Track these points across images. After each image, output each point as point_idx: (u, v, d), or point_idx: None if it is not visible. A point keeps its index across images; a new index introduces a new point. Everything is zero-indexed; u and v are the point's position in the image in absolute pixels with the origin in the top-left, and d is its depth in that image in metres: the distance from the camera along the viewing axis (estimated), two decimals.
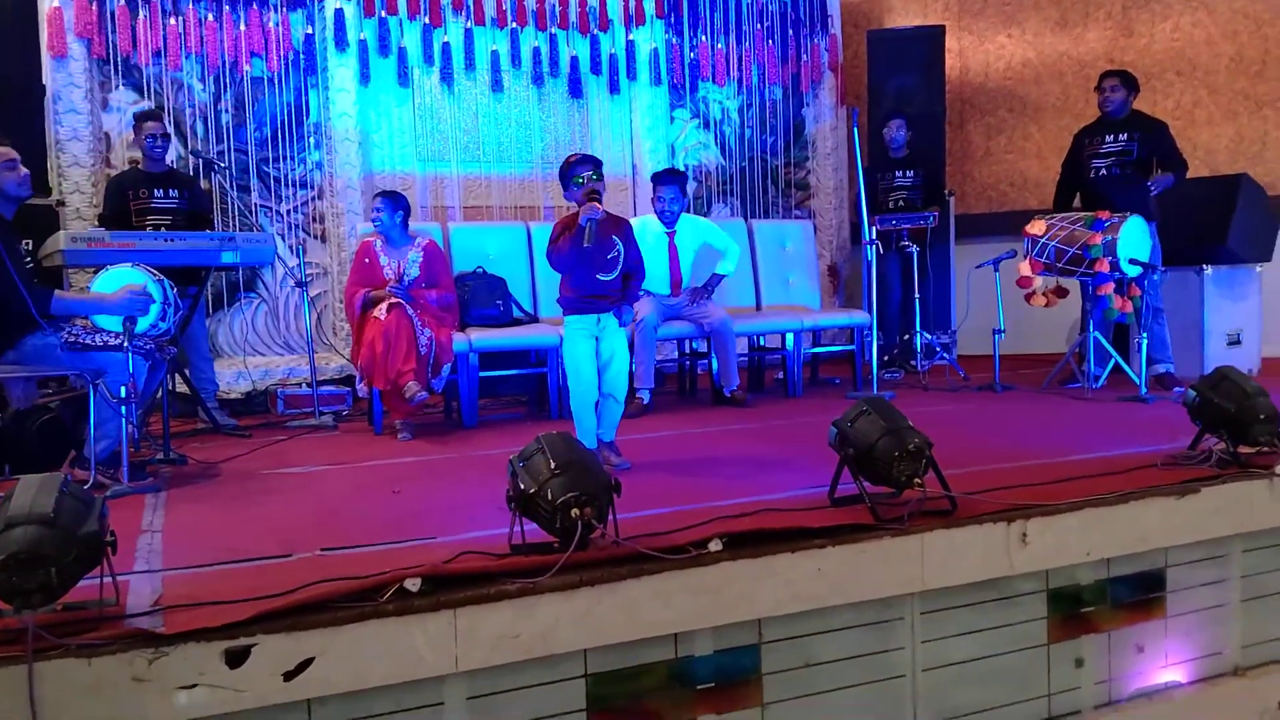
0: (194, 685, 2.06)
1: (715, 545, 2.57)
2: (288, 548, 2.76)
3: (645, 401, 5.42)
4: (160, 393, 4.41)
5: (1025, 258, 5.74)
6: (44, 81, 5.93)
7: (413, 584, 2.25)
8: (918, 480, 2.86)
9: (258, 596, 2.20)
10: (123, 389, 3.60)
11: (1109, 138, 5.99)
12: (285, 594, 2.22)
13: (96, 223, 5.57)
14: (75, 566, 2.10)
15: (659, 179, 5.79)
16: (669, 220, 5.70)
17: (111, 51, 6.10)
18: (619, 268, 3.92)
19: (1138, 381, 5.37)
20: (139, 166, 5.51)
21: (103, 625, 2.11)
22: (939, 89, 7.89)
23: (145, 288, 3.81)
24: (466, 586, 2.30)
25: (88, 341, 3.74)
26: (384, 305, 4.87)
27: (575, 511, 2.42)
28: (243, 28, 6.36)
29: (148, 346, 3.85)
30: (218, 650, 2.07)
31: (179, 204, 5.38)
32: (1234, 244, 6.15)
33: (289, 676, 2.12)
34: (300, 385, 6.04)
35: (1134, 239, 5.38)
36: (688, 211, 6.11)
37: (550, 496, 2.45)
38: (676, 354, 6.47)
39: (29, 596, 2.01)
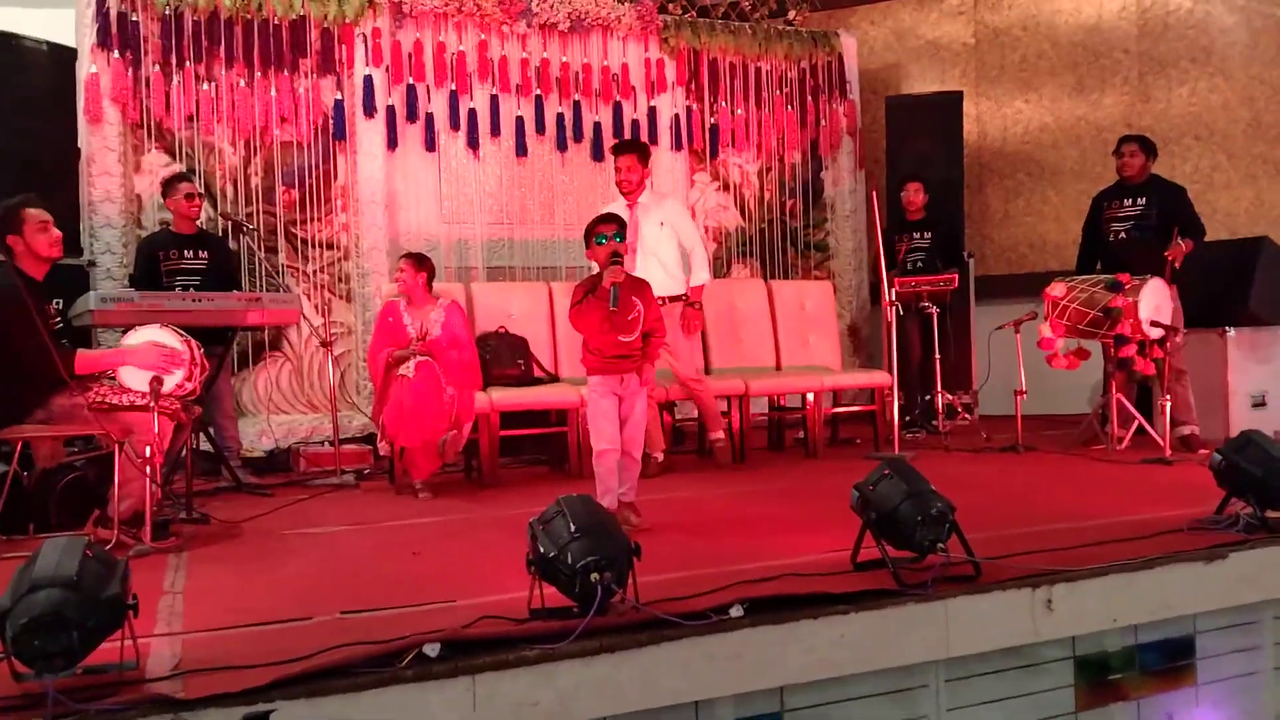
0: None
1: (736, 611, 2.55)
2: (308, 610, 2.76)
3: (659, 459, 5.37)
4: (184, 452, 4.44)
5: (1046, 320, 5.74)
6: (79, 145, 6.07)
7: (431, 649, 2.24)
8: (941, 545, 2.84)
9: (277, 661, 2.20)
10: (147, 449, 3.64)
11: (1127, 202, 6.01)
12: (304, 658, 2.21)
13: (127, 283, 5.67)
14: (97, 630, 2.11)
15: (615, 150, 5.60)
16: (629, 191, 5.41)
17: (145, 116, 6.25)
18: (639, 328, 3.95)
19: (1161, 444, 5.33)
20: (169, 228, 5.62)
21: (123, 689, 2.11)
22: (957, 153, 7.97)
23: (176, 352, 3.86)
24: (485, 652, 2.28)
25: (114, 402, 3.78)
26: (412, 363, 4.92)
27: (595, 576, 2.42)
28: (273, 93, 6.51)
29: (173, 406, 3.88)
30: (237, 715, 2.06)
31: (208, 265, 5.47)
32: (1256, 306, 6.13)
33: None
34: (323, 444, 6.07)
35: (1154, 301, 5.37)
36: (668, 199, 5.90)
37: (570, 560, 2.44)
38: (696, 414, 6.46)
39: (50, 660, 2.02)
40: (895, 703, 2.74)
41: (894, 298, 5.78)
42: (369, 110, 6.72)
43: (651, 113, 7.55)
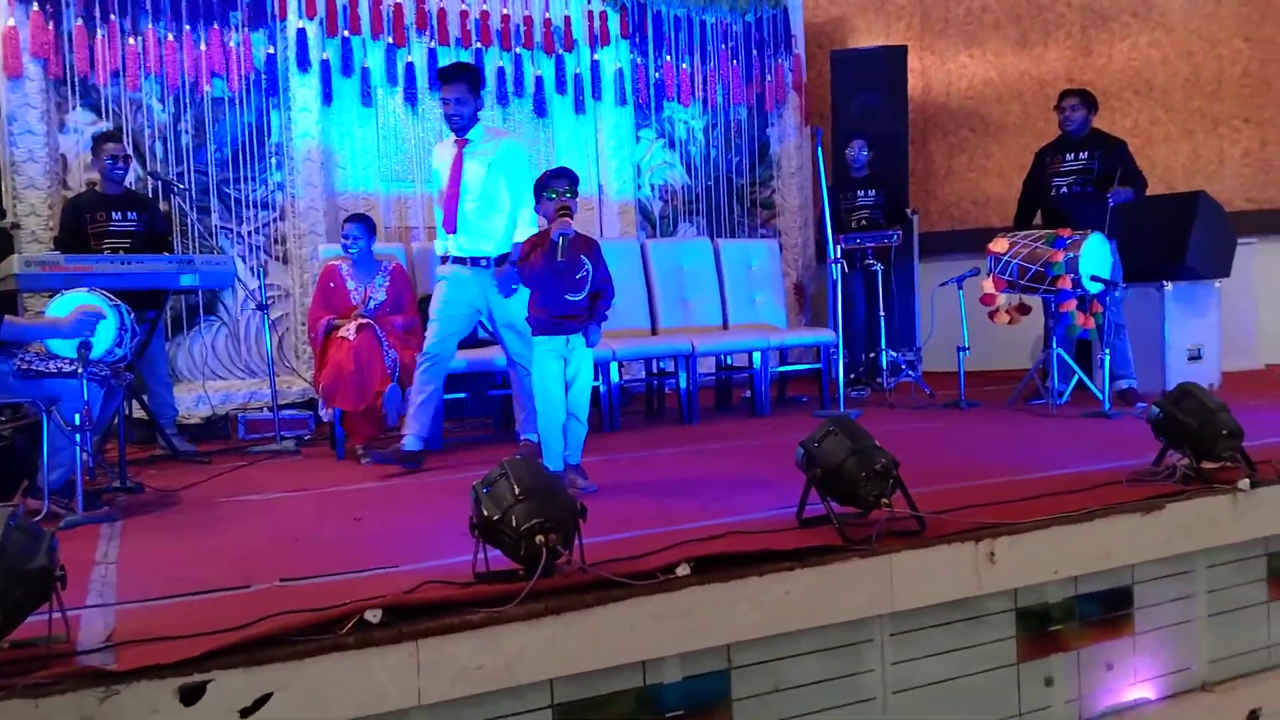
0: None
1: (683, 570, 2.54)
2: (247, 578, 2.70)
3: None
4: (116, 419, 4.32)
5: (988, 275, 5.78)
6: None
7: (373, 615, 2.20)
8: (885, 500, 2.85)
9: (213, 631, 2.14)
10: (77, 416, 3.52)
11: (1069, 156, 6.05)
12: (242, 627, 2.16)
13: (53, 246, 5.47)
14: (23, 602, 2.04)
15: (441, 77, 4.77)
16: (459, 126, 4.65)
17: (69, 72, 6.01)
18: (587, 287, 3.90)
19: (1101, 397, 5.41)
20: (96, 189, 5.43)
21: (52, 663, 2.04)
22: (902, 108, 7.96)
23: (99, 309, 3.73)
24: (429, 617, 2.25)
25: (41, 368, 3.65)
26: (352, 325, 4.81)
27: (540, 538, 2.39)
28: (203, 47, 6.29)
29: (103, 372, 3.76)
30: (172, 687, 2.01)
31: (137, 227, 5.29)
32: (1193, 260, 6.23)
33: (246, 713, 2.05)
34: (261, 409, 5.94)
35: (1095, 256, 5.42)
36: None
37: (514, 523, 2.41)
38: (644, 373, 6.45)
39: None
40: (841, 657, 2.76)
41: (839, 255, 5.78)
42: (303, 64, 6.52)
43: (595, 66, 7.43)
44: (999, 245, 5.75)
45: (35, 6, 5.86)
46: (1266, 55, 7.55)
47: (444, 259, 4.71)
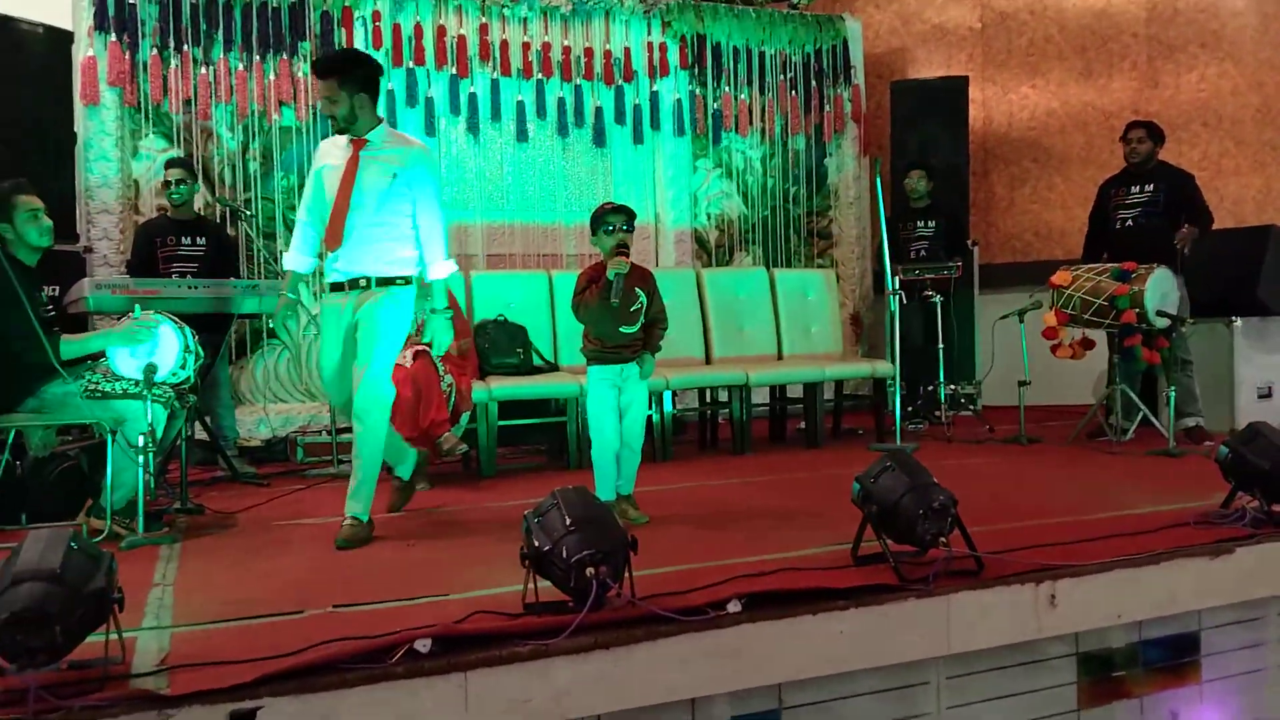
0: None
1: (734, 606, 2.51)
2: (300, 603, 2.72)
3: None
4: (179, 441, 4.40)
5: (1051, 309, 5.68)
6: (75, 129, 6.02)
7: (423, 645, 2.20)
8: (943, 539, 2.79)
9: (265, 656, 2.16)
10: (140, 438, 3.60)
11: (1134, 188, 5.94)
12: (293, 654, 2.17)
13: (124, 269, 5.62)
14: (81, 624, 2.07)
15: (315, 70, 4.04)
16: (341, 127, 3.76)
17: (143, 100, 6.19)
18: (641, 319, 3.90)
19: (1166, 435, 5.27)
20: (168, 214, 5.56)
21: (108, 685, 2.07)
22: (962, 139, 7.89)
23: (151, 317, 3.81)
24: (478, 648, 2.25)
25: (107, 390, 3.74)
26: (409, 352, 4.85)
27: (590, 570, 2.37)
28: (272, 77, 6.45)
29: (167, 394, 3.84)
30: (223, 713, 2.03)
31: (205, 251, 5.42)
32: (1264, 295, 6.07)
33: None
34: (320, 433, 6.02)
35: (1161, 290, 5.31)
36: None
37: (565, 554, 2.40)
38: (697, 404, 6.42)
39: (33, 656, 1.98)
40: (896, 700, 2.70)
41: (897, 286, 5.72)
42: None
43: (654, 97, 7.48)
44: (1062, 278, 5.65)
45: (113, 37, 6.07)
46: None
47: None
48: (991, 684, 2.82)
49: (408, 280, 3.82)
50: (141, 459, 3.61)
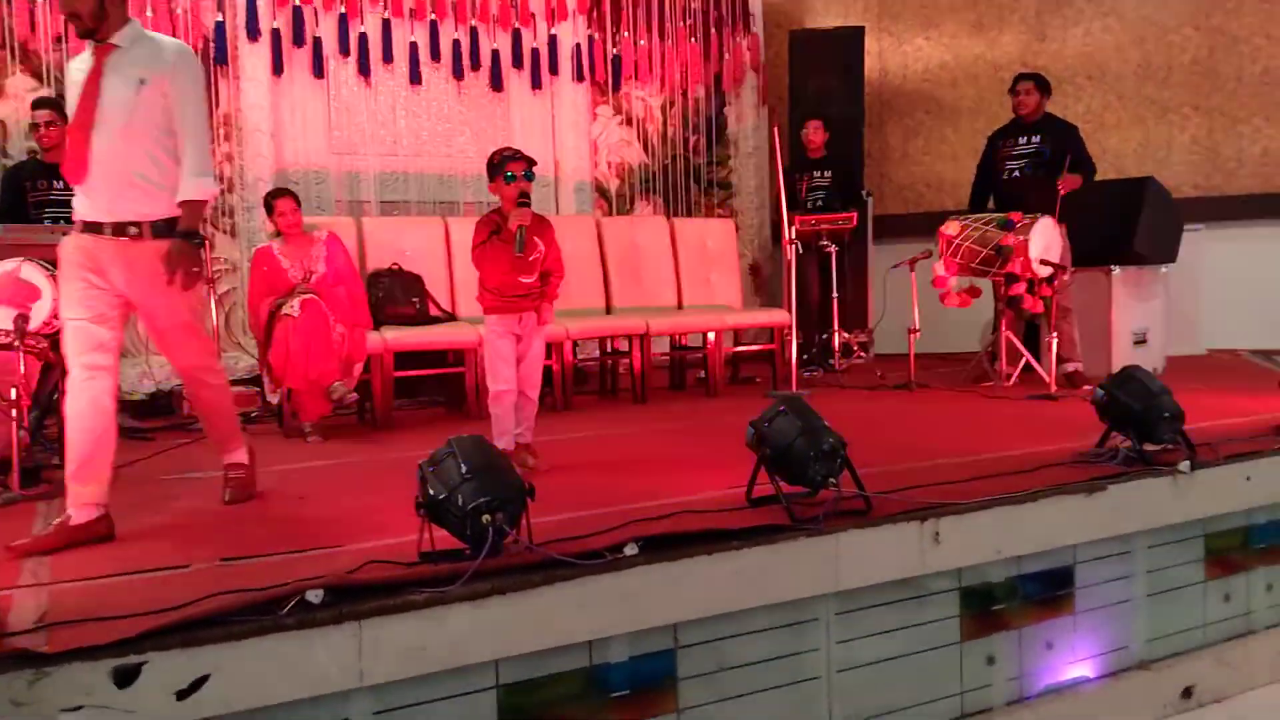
0: (79, 707, 1.94)
1: (631, 549, 2.53)
2: (186, 557, 2.65)
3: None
4: (56, 395, 4.21)
5: (940, 258, 5.82)
6: None
7: (315, 595, 2.17)
8: (833, 480, 2.86)
9: (149, 611, 2.10)
10: (13, 391, 3.44)
11: (1021, 140, 6.11)
12: (179, 608, 2.12)
13: None
14: None
15: None
16: (85, 30, 3.00)
17: (8, 36, 5.84)
18: (539, 268, 3.87)
19: (1048, 380, 5.48)
20: (38, 157, 5.28)
21: None
22: (858, 90, 7.98)
23: (30, 281, 3.63)
24: (372, 597, 2.22)
25: None
26: (296, 301, 4.72)
27: (487, 517, 2.36)
28: (149, 13, 6.13)
29: (40, 345, 3.67)
30: (105, 669, 1.96)
31: None
32: (1140, 246, 6.32)
33: (183, 695, 2.02)
34: None
35: (1044, 240, 5.48)
36: None
37: (461, 502, 2.38)
38: (598, 353, 6.42)
39: None
40: (787, 636, 2.77)
41: (794, 236, 5.79)
42: (253, 33, 6.40)
43: (552, 41, 7.37)
44: (951, 228, 5.79)
45: None
46: (1215, 43, 7.66)
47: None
48: (879, 619, 2.91)
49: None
50: (15, 413, 3.45)
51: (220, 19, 6.32)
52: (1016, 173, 6.09)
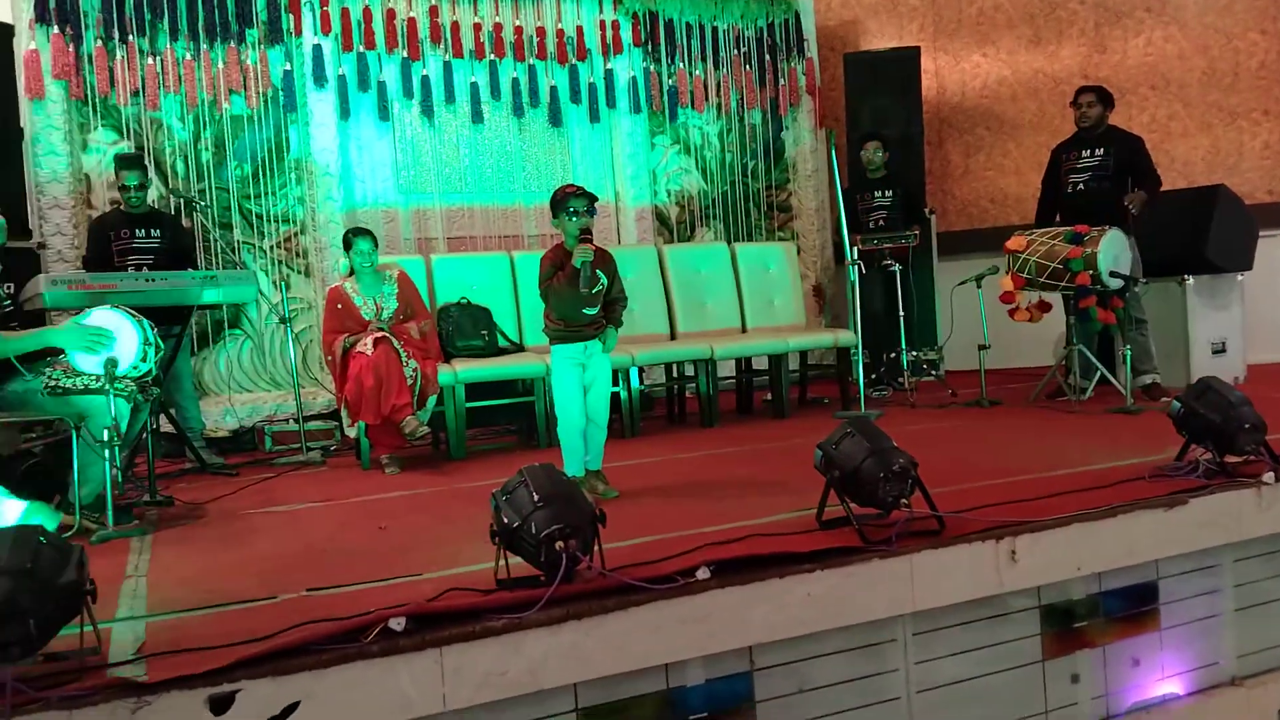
0: None
1: (703, 573, 2.55)
2: (273, 589, 2.73)
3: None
4: (145, 434, 4.37)
5: (1007, 273, 5.76)
6: (22, 124, 5.92)
7: (397, 623, 2.23)
8: (904, 501, 2.85)
9: (241, 641, 2.18)
10: (105, 432, 3.58)
11: (1085, 153, 6.04)
12: (268, 637, 2.19)
13: (80, 265, 5.55)
14: (54, 617, 2.08)
15: None
16: None
17: (89, 93, 6.11)
18: (601, 301, 3.93)
19: (1124, 393, 5.38)
20: (121, 208, 5.50)
21: (85, 675, 2.08)
22: (916, 109, 7.96)
23: (96, 319, 3.76)
24: (452, 624, 2.27)
25: (68, 385, 3.70)
26: (369, 340, 4.84)
27: (559, 544, 2.41)
28: (221, 66, 6.38)
29: (129, 388, 3.81)
30: (202, 697, 2.04)
31: (160, 244, 5.36)
32: (1213, 254, 6.19)
33: None
34: (288, 421, 6.00)
35: (1113, 251, 5.40)
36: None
37: (534, 530, 2.43)
38: (664, 379, 6.46)
39: (7, 650, 1.99)
40: (864, 658, 2.76)
41: (856, 256, 5.78)
42: (319, 80, 6.60)
43: (609, 75, 7.47)
44: (1017, 243, 5.74)
45: (56, 29, 5.97)
46: None
47: None
48: (957, 639, 2.89)
49: None
50: (107, 453, 3.59)
51: (288, 68, 6.54)
52: (1081, 186, 6.02)
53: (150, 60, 6.23)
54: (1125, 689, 3.16)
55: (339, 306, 5.05)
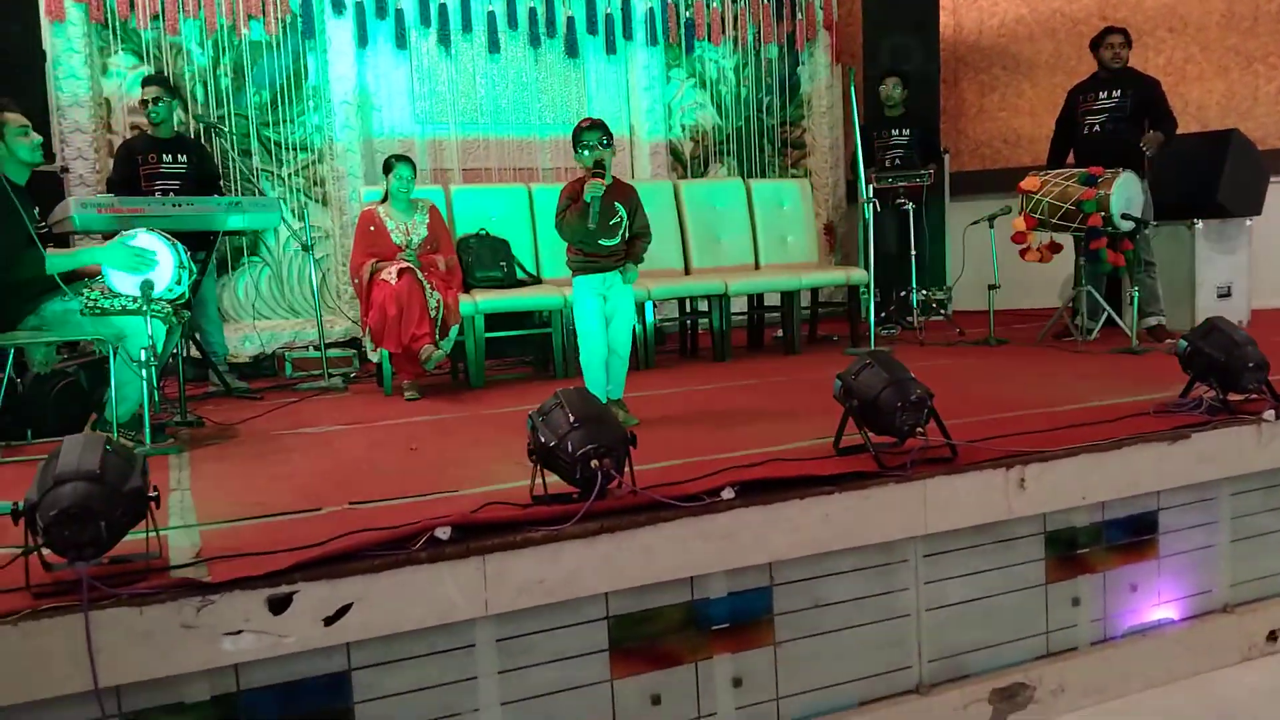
0: (240, 631, 2.16)
1: (728, 493, 2.68)
2: (316, 502, 2.86)
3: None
4: (174, 357, 4.48)
5: (1020, 214, 5.83)
6: (44, 47, 5.94)
7: (443, 532, 2.36)
8: (920, 430, 2.97)
9: (296, 547, 2.31)
10: (143, 352, 3.68)
11: (1102, 94, 6.06)
12: (322, 544, 2.32)
13: (105, 188, 5.62)
14: (122, 520, 2.19)
15: None
16: None
17: (110, 16, 6.11)
18: (621, 233, 4.01)
19: (1130, 334, 5.48)
20: (147, 132, 5.55)
21: (150, 576, 2.21)
22: (933, 47, 7.94)
23: (147, 234, 3.86)
24: (494, 535, 2.40)
25: (106, 306, 3.81)
26: (394, 269, 4.93)
27: (595, 462, 2.53)
28: None
29: (165, 310, 3.92)
30: (261, 598, 2.18)
31: (186, 169, 5.43)
32: (1224, 198, 6.24)
33: (329, 622, 2.22)
34: (308, 348, 6.11)
35: (1126, 194, 5.46)
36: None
37: (570, 449, 2.55)
38: (677, 314, 6.55)
39: (81, 549, 2.11)
40: (878, 576, 2.90)
41: (871, 194, 5.83)
42: (338, 7, 6.60)
43: (626, 5, 7.45)
44: (1030, 184, 5.79)
45: None
46: None
47: None
48: (965, 561, 3.03)
49: None
50: (144, 373, 3.70)
51: None
52: (1097, 127, 6.05)
53: None
54: (1123, 613, 3.31)
55: (371, 229, 5.13)
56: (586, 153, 3.90)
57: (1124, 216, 5.45)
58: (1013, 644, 3.09)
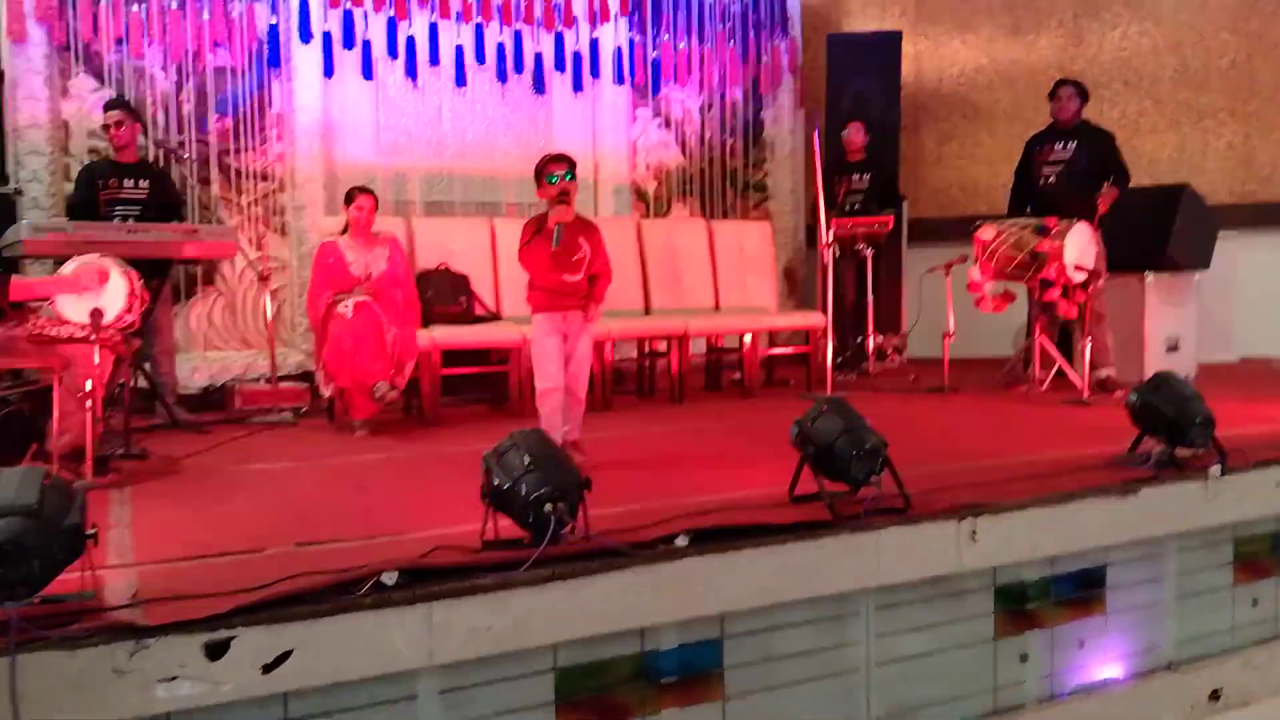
0: (174, 678, 2.10)
1: (681, 540, 2.67)
2: (260, 543, 2.80)
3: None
4: (122, 387, 4.39)
5: (975, 263, 5.90)
6: (2, 67, 5.85)
7: (389, 577, 2.32)
8: (874, 479, 2.98)
9: (236, 590, 2.25)
10: (88, 382, 3.60)
11: (1058, 146, 6.17)
12: (264, 587, 2.27)
13: (61, 212, 5.53)
14: (58, 558, 2.14)
15: None
16: None
17: (72, 38, 6.03)
18: (584, 270, 4.01)
19: (1080, 386, 5.55)
20: (110, 156, 5.47)
21: (84, 617, 2.14)
22: (894, 94, 8.06)
23: (105, 270, 3.80)
24: (442, 580, 2.36)
25: (53, 333, 3.73)
26: (350, 303, 4.88)
27: (548, 507, 2.50)
28: (206, 17, 6.32)
29: (114, 339, 3.84)
30: (198, 643, 2.12)
31: (148, 195, 5.35)
32: (1175, 252, 6.36)
33: (268, 669, 2.17)
34: (259, 380, 6.02)
35: (1078, 246, 5.55)
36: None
37: (524, 492, 2.52)
38: (635, 353, 6.54)
39: (13, 588, 2.04)
40: (829, 629, 2.89)
41: (832, 238, 5.88)
42: (305, 36, 6.57)
43: (594, 44, 7.49)
44: (986, 233, 5.87)
45: None
46: (1253, 49, 7.67)
47: None
48: (916, 615, 3.03)
49: None
50: (89, 404, 3.61)
51: (274, 21, 6.50)
52: (1052, 179, 6.16)
53: (135, 8, 6.15)
54: (1070, 670, 3.32)
55: (330, 261, 5.08)
56: (551, 185, 3.91)
57: (1077, 268, 5.53)
58: (962, 700, 3.09)
